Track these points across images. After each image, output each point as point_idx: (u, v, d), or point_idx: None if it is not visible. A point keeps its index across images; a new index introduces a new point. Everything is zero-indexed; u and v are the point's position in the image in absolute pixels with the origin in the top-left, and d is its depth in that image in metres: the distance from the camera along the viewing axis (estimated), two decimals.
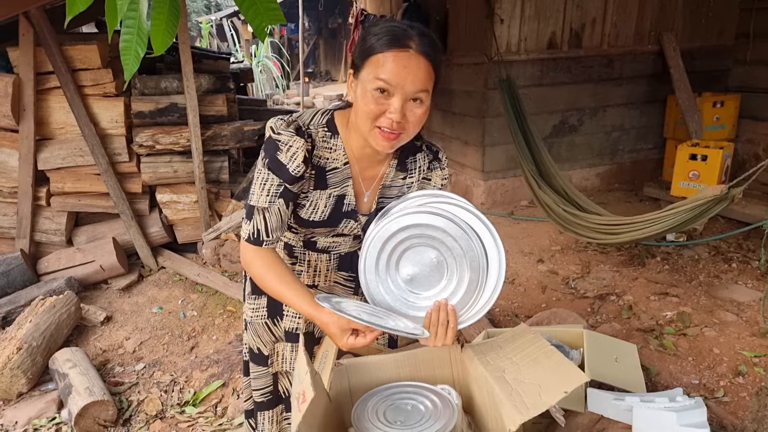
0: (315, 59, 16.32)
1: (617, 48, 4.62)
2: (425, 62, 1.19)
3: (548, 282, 3.38)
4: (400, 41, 1.18)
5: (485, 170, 4.54)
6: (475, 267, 1.26)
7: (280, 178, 1.29)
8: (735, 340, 2.69)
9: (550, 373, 1.23)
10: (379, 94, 1.19)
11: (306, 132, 1.31)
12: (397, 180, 1.44)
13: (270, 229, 1.32)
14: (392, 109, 1.20)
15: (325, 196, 1.37)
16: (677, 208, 2.55)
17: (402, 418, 1.26)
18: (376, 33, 1.20)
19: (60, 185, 3.64)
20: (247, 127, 3.93)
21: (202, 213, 3.85)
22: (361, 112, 1.23)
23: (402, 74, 1.18)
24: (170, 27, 1.35)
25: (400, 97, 1.19)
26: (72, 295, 3.13)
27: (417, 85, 1.19)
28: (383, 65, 1.18)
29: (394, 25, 1.22)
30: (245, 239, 1.34)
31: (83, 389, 2.50)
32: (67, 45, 3.44)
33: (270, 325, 1.55)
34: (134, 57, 1.27)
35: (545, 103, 4.52)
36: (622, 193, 4.85)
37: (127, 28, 1.25)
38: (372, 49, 1.19)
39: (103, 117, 3.58)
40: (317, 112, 1.36)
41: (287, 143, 1.27)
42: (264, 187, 1.30)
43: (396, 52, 1.18)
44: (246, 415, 1.73)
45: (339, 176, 1.37)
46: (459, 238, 1.24)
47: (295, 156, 1.27)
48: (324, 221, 1.39)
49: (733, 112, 4.68)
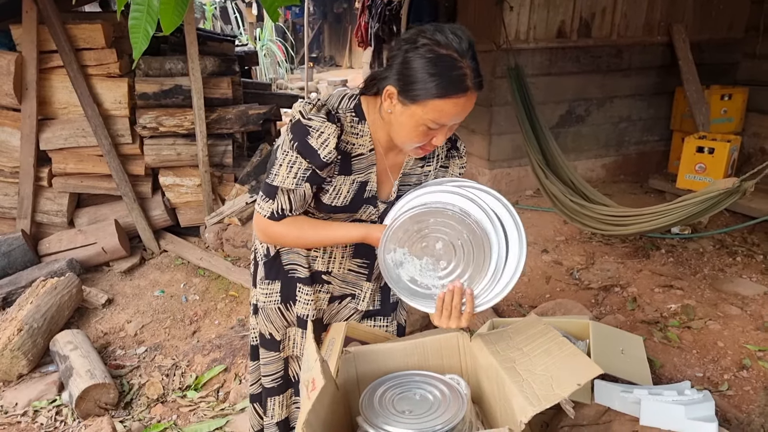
0: (319, 44, 16.19)
1: (626, 38, 4.57)
2: (476, 96, 1.21)
3: (552, 272, 3.36)
4: (460, 86, 1.16)
5: (491, 159, 4.51)
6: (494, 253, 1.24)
7: (311, 162, 1.27)
8: (739, 333, 2.68)
9: (563, 365, 1.21)
10: (429, 129, 1.21)
11: (336, 116, 1.29)
12: (416, 168, 1.44)
13: (294, 208, 1.34)
14: (438, 140, 1.25)
15: (349, 182, 1.36)
16: (687, 200, 2.53)
17: (410, 407, 1.25)
18: (431, 73, 1.14)
19: (62, 166, 3.61)
20: (252, 111, 3.89)
21: (205, 197, 3.83)
22: (403, 137, 1.25)
23: (459, 116, 1.21)
24: (180, 6, 1.32)
25: (448, 128, 1.23)
26: (73, 277, 3.11)
27: (464, 116, 1.23)
28: (442, 111, 1.18)
29: (447, 59, 1.15)
30: (266, 216, 1.34)
31: (84, 372, 2.50)
32: (70, 24, 3.39)
33: (283, 310, 1.54)
34: (143, 35, 1.24)
35: (553, 93, 4.47)
36: (628, 185, 4.82)
37: (137, 5, 1.23)
38: (428, 95, 1.16)
39: (106, 97, 3.54)
40: (344, 96, 1.34)
41: (319, 129, 1.25)
42: (291, 169, 1.28)
43: (456, 98, 1.17)
44: (251, 399, 1.73)
45: (364, 162, 1.36)
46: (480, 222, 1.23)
47: (326, 142, 1.25)
48: (345, 206, 1.38)
49: (740, 106, 4.64)
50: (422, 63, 1.15)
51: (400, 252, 1.28)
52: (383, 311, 1.63)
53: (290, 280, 1.51)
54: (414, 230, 1.26)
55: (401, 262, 1.29)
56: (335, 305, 1.58)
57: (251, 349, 1.66)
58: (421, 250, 1.28)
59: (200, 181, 3.79)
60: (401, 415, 1.22)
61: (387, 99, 1.24)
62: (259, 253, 1.57)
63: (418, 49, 1.17)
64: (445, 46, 1.15)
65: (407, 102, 1.19)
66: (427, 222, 1.25)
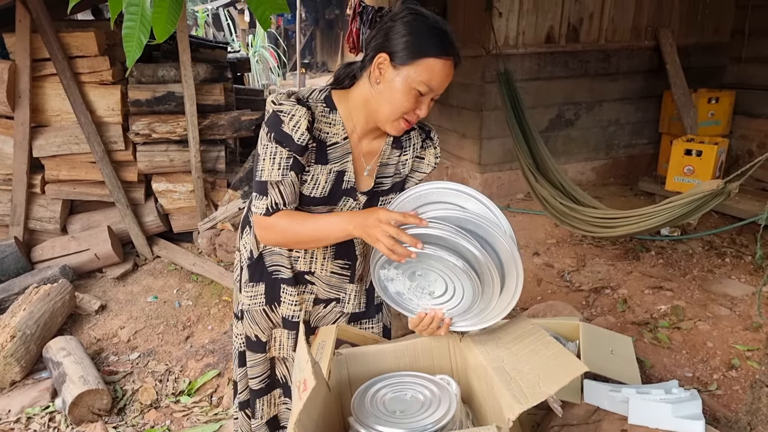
0: (311, 50, 16.22)
1: (614, 43, 4.63)
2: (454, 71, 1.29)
3: (543, 275, 3.39)
4: (450, 49, 1.25)
5: (482, 163, 4.54)
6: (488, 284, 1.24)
7: (289, 149, 1.30)
8: (728, 333, 2.72)
9: (549, 363, 1.23)
10: (419, 94, 1.27)
11: (306, 104, 1.32)
12: (393, 157, 1.47)
13: (287, 201, 1.35)
14: (423, 109, 1.30)
15: (326, 171, 1.38)
16: (673, 202, 2.57)
17: (401, 407, 1.27)
18: (429, 33, 1.24)
19: (55, 173, 3.61)
20: (244, 117, 3.91)
21: (198, 202, 3.84)
22: (392, 104, 1.28)
23: (445, 82, 1.28)
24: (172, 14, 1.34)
25: (431, 98, 1.29)
26: (66, 284, 3.11)
27: (444, 88, 1.29)
28: (435, 71, 1.25)
29: (442, 26, 1.26)
30: (262, 214, 1.35)
31: (77, 378, 2.50)
32: (63, 32, 3.41)
33: (268, 311, 1.56)
34: (137, 44, 1.26)
35: (542, 97, 4.52)
36: (618, 188, 4.87)
37: (130, 14, 1.24)
38: (426, 51, 1.24)
39: (99, 105, 3.56)
40: (314, 90, 1.38)
41: (290, 113, 1.28)
42: (274, 161, 1.31)
43: (446, 60, 1.25)
44: (240, 407, 1.72)
45: (339, 151, 1.39)
46: (478, 269, 1.21)
47: (298, 124, 1.28)
48: (324, 198, 1.40)
49: (727, 109, 4.70)
50: (411, 27, 1.24)
51: (393, 272, 1.30)
52: (368, 313, 1.64)
53: (274, 282, 1.53)
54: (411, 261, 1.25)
55: (392, 278, 1.32)
56: (321, 308, 1.59)
57: (238, 356, 1.66)
58: (414, 276, 1.29)
59: (193, 187, 3.80)
60: (392, 415, 1.24)
61: (376, 69, 1.28)
62: (243, 257, 1.58)
63: (404, 18, 1.25)
64: (431, 19, 1.27)
65: (399, 64, 1.25)
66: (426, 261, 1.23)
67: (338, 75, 1.42)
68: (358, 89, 1.37)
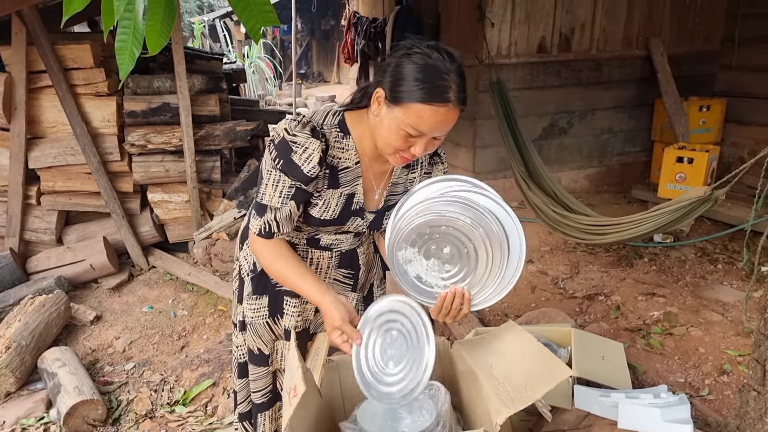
0: (308, 60, 16.32)
1: (606, 52, 4.68)
2: (458, 111, 1.23)
3: (537, 282, 3.41)
4: (441, 95, 1.19)
5: (476, 171, 4.57)
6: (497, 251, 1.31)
7: (295, 179, 1.31)
8: (720, 339, 2.74)
9: (537, 368, 1.25)
10: (409, 135, 1.24)
11: (321, 132, 1.32)
12: (402, 176, 1.49)
13: (281, 226, 1.36)
14: (417, 150, 1.26)
15: (337, 195, 1.40)
16: (663, 209, 2.60)
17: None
18: (417, 78, 1.19)
19: (51, 184, 3.62)
20: (239, 127, 3.94)
21: (193, 212, 3.85)
22: (385, 140, 1.28)
23: (437, 126, 1.22)
24: (165, 27, 1.36)
25: (427, 138, 1.25)
26: (61, 294, 3.12)
27: (445, 130, 1.25)
28: (422, 117, 1.20)
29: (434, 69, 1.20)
30: (255, 233, 1.38)
31: (72, 388, 2.49)
32: (59, 44, 3.43)
33: (271, 324, 1.56)
34: (129, 56, 1.28)
35: (535, 106, 4.56)
36: (611, 195, 4.91)
37: (123, 28, 1.27)
38: (412, 97, 1.19)
39: (95, 116, 3.58)
40: (328, 113, 1.38)
41: (303, 145, 1.29)
42: (276, 188, 1.32)
43: (437, 107, 1.19)
44: (240, 418, 1.72)
45: (350, 175, 1.40)
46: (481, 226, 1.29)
47: (310, 158, 1.29)
48: (334, 219, 1.42)
49: (719, 116, 4.75)
50: (412, 68, 1.21)
51: (411, 251, 1.35)
52: None
53: (277, 294, 1.54)
54: (426, 233, 1.33)
55: (410, 260, 1.36)
56: (321, 316, 1.61)
57: (239, 367, 1.66)
58: (430, 252, 1.35)
59: (188, 197, 3.82)
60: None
61: (375, 101, 1.28)
62: (244, 269, 1.59)
63: (411, 56, 1.22)
64: (435, 59, 1.21)
65: (392, 103, 1.23)
66: (438, 228, 1.31)
67: (354, 98, 1.40)
68: (369, 113, 1.35)
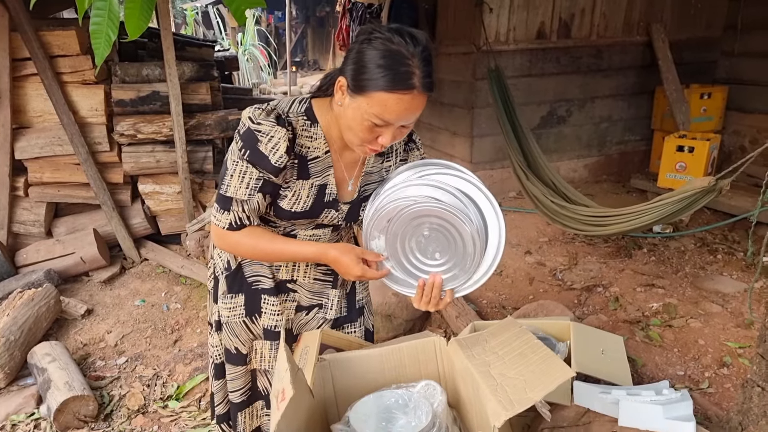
0: (303, 48, 16.15)
1: (606, 39, 4.60)
2: (425, 97, 1.18)
3: (535, 274, 3.37)
4: (405, 82, 1.13)
5: (473, 161, 4.51)
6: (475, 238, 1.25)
7: (262, 170, 1.26)
8: (720, 331, 2.70)
9: (536, 368, 1.20)
10: (374, 125, 1.19)
11: (286, 120, 1.27)
12: (377, 165, 1.43)
13: (251, 217, 1.32)
14: (385, 140, 1.21)
15: (308, 186, 1.34)
16: (664, 199, 2.54)
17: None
18: (380, 65, 1.13)
19: (38, 175, 3.55)
20: (231, 116, 3.86)
21: (185, 204, 3.78)
22: (350, 130, 1.23)
23: (403, 114, 1.17)
24: (145, 11, 1.30)
25: (394, 127, 1.20)
26: (51, 288, 3.06)
27: (412, 118, 1.20)
28: (386, 106, 1.15)
29: (397, 55, 1.13)
30: (225, 227, 1.32)
31: (62, 384, 2.45)
32: (44, 30, 3.34)
33: (248, 323, 1.51)
34: (105, 41, 1.22)
35: (534, 94, 4.49)
36: (610, 185, 4.86)
37: (97, 10, 1.21)
38: (374, 86, 1.14)
39: (82, 105, 3.49)
40: (294, 100, 1.32)
41: (268, 134, 1.23)
42: (243, 179, 1.27)
43: (400, 94, 1.14)
44: (219, 420, 1.66)
45: (320, 165, 1.34)
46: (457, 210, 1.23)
47: (276, 147, 1.23)
48: (306, 212, 1.36)
49: (720, 104, 4.69)
50: (373, 54, 1.14)
51: (383, 239, 1.30)
52: (350, 317, 1.61)
53: (254, 293, 1.48)
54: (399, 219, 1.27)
55: (384, 248, 1.31)
56: (303, 315, 1.55)
57: (215, 369, 1.60)
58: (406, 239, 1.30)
59: (180, 189, 3.75)
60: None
61: (338, 91, 1.22)
62: (218, 267, 1.53)
63: (371, 42, 1.16)
64: (397, 44, 1.14)
65: (354, 93, 1.17)
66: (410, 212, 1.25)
67: (322, 84, 1.34)
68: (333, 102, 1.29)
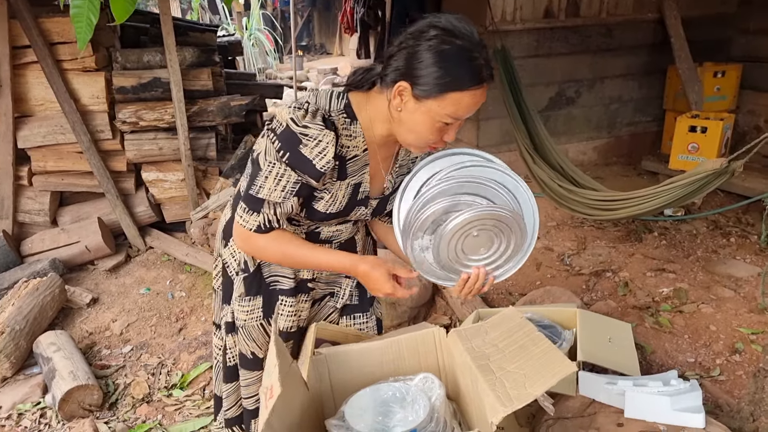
0: (309, 32, 15.97)
1: (616, 16, 4.48)
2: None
3: (543, 259, 3.31)
4: (477, 77, 1.11)
5: (480, 144, 4.44)
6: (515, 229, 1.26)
7: (303, 174, 1.20)
8: (732, 316, 2.64)
9: (537, 362, 1.16)
10: (445, 125, 1.16)
11: (331, 121, 1.20)
12: (405, 158, 1.40)
13: (281, 220, 1.28)
14: (449, 136, 1.20)
15: (344, 186, 1.30)
16: (676, 182, 2.47)
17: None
18: (460, 60, 1.09)
19: (42, 164, 3.54)
20: (234, 102, 3.81)
21: (189, 191, 3.76)
22: (417, 135, 1.19)
23: (473, 108, 1.15)
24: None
25: (462, 122, 1.18)
26: (56, 277, 3.06)
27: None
28: (459, 104, 1.12)
29: (462, 52, 1.09)
30: (252, 230, 1.27)
31: (67, 373, 2.46)
32: (43, 17, 3.30)
33: (266, 326, 1.47)
34: (87, 25, 1.17)
35: (541, 75, 4.39)
36: (620, 167, 4.77)
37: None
38: (447, 87, 1.10)
39: (83, 93, 3.46)
40: (332, 95, 1.25)
41: (316, 138, 1.17)
42: (279, 182, 1.21)
43: (474, 90, 1.12)
44: (228, 423, 1.63)
45: (358, 164, 1.30)
46: (512, 212, 1.24)
47: (324, 152, 1.18)
48: (340, 212, 1.33)
49: (734, 83, 4.56)
50: (436, 54, 1.09)
51: (427, 239, 1.28)
52: (361, 307, 1.58)
53: (272, 293, 1.44)
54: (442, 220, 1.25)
55: (427, 247, 1.29)
56: (315, 307, 1.53)
57: (227, 371, 1.56)
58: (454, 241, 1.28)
59: (184, 176, 3.73)
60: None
61: (397, 96, 1.16)
62: (230, 267, 1.48)
63: (429, 41, 1.10)
64: (460, 37, 1.10)
65: (422, 97, 1.12)
66: (462, 218, 1.22)
67: (356, 79, 1.27)
68: (379, 101, 1.23)
